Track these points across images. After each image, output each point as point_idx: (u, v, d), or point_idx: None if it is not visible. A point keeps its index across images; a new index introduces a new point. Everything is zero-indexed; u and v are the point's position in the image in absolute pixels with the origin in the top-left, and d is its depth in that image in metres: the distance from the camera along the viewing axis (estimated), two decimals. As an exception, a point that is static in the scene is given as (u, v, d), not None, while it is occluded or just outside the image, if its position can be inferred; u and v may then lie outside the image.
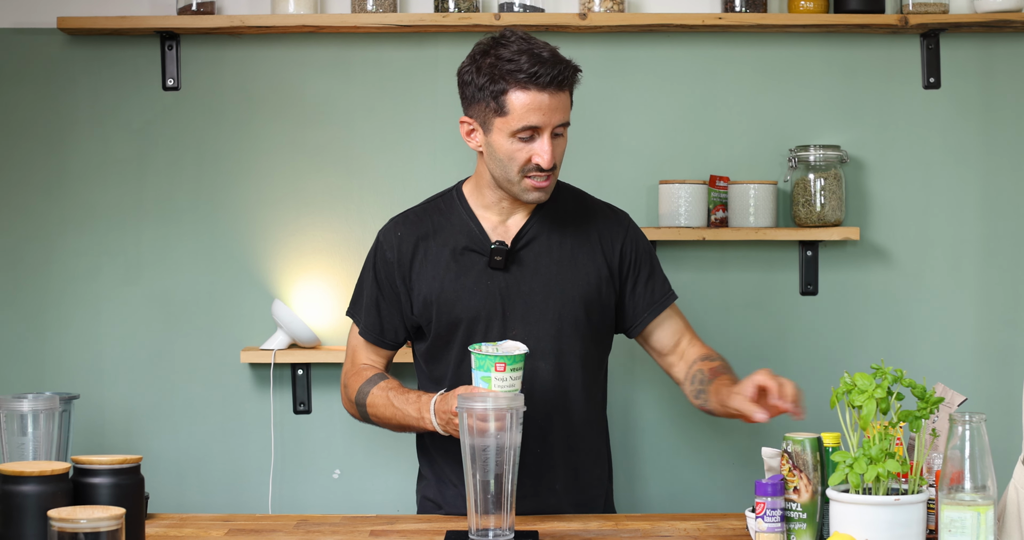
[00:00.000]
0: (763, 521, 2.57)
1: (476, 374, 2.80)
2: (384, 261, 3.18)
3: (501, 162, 3.01)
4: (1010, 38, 4.17)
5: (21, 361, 4.14)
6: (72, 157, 4.14)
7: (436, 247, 3.14)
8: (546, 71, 2.92)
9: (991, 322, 4.20)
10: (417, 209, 3.25)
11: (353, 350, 3.25)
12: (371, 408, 3.12)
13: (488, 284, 3.10)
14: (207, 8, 4.06)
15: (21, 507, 2.37)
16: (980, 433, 2.39)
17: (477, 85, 2.99)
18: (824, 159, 4.05)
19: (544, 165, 2.97)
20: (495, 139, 3.00)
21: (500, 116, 2.97)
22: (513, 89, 2.94)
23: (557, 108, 2.96)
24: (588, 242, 3.19)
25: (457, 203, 3.19)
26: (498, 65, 2.94)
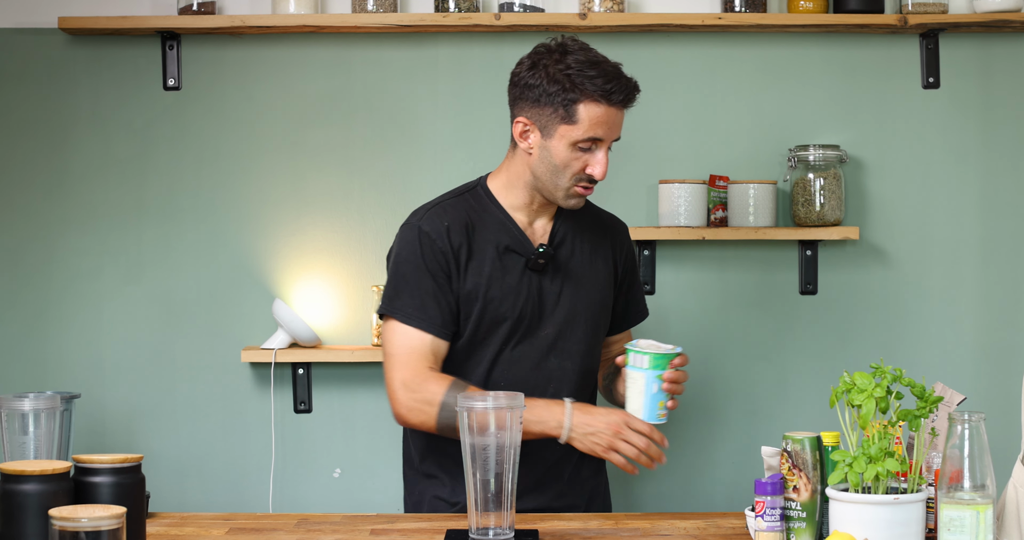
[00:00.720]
0: (763, 520, 2.58)
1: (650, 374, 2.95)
2: (434, 250, 3.08)
3: (555, 167, 3.04)
4: (1009, 38, 4.18)
5: (22, 360, 4.15)
6: (73, 157, 4.15)
7: (480, 242, 3.12)
8: (620, 89, 2.98)
9: (990, 321, 4.20)
10: (449, 201, 3.18)
11: (408, 351, 3.08)
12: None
13: (528, 285, 3.13)
14: (208, 8, 4.07)
15: (22, 506, 2.37)
16: (979, 432, 2.39)
17: (547, 91, 3.00)
18: (823, 159, 4.05)
19: (599, 177, 3.04)
20: (554, 144, 3.02)
21: (567, 124, 2.99)
22: (586, 101, 2.98)
23: (619, 124, 3.04)
24: (603, 247, 3.27)
25: (488, 201, 3.17)
26: (572, 76, 2.97)
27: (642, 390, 2.96)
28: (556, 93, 2.99)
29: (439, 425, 3.02)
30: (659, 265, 4.16)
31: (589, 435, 2.95)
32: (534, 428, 2.96)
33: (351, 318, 4.16)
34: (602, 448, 2.95)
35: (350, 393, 4.16)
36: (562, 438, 2.97)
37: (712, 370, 4.18)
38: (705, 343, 4.19)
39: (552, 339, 3.12)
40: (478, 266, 3.10)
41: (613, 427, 2.94)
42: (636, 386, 2.97)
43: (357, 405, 4.15)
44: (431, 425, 3.03)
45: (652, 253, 4.14)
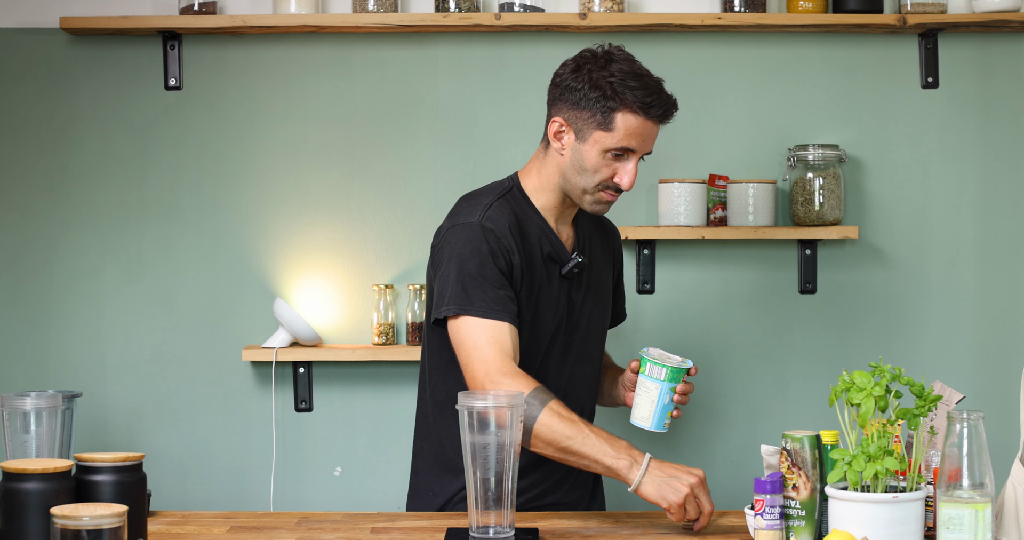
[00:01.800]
0: (762, 518, 2.58)
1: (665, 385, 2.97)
2: (500, 247, 3.00)
3: (584, 171, 3.03)
4: (1008, 38, 4.18)
5: (24, 359, 4.15)
6: (75, 156, 4.15)
7: (528, 247, 3.08)
8: (660, 103, 2.99)
9: (989, 320, 4.21)
10: (497, 202, 3.09)
11: (489, 341, 2.94)
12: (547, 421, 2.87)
13: (560, 294, 3.12)
14: (209, 8, 4.08)
15: (24, 504, 2.37)
16: (978, 431, 2.40)
17: (587, 95, 3.00)
18: (823, 158, 4.06)
19: (626, 187, 3.02)
20: (587, 149, 3.02)
21: (603, 130, 2.99)
22: (625, 111, 2.98)
23: (653, 137, 3.04)
24: (606, 251, 3.30)
25: (527, 205, 3.13)
26: (615, 84, 2.97)
27: (655, 400, 2.97)
28: (596, 99, 2.99)
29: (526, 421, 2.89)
30: (659, 264, 4.17)
31: (667, 480, 2.82)
32: (604, 462, 2.84)
33: (352, 317, 4.16)
34: (676, 496, 2.78)
35: (351, 392, 4.16)
36: (632, 485, 2.82)
37: (712, 369, 4.19)
38: (705, 342, 4.19)
39: (578, 346, 3.13)
40: (530, 273, 3.06)
41: (694, 482, 2.82)
42: (649, 396, 2.98)
43: (358, 404, 4.16)
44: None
45: (652, 252, 4.15)
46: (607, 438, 2.87)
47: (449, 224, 3.05)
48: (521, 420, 2.65)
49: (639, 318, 4.17)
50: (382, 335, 4.11)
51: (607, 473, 2.85)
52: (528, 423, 2.86)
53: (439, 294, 3.00)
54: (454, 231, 3.03)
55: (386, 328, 4.11)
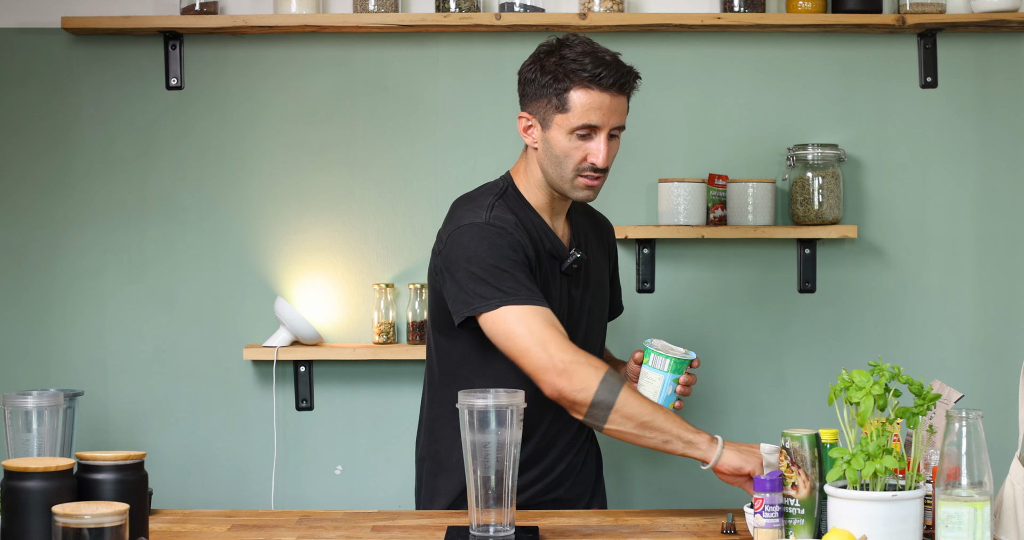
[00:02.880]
0: (762, 517, 2.59)
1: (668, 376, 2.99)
2: (512, 242, 3.00)
3: (557, 158, 3.04)
4: (1006, 38, 4.19)
5: (26, 358, 4.16)
6: (76, 156, 4.16)
7: (532, 244, 3.09)
8: (609, 73, 2.99)
9: (988, 319, 4.22)
10: (496, 201, 3.11)
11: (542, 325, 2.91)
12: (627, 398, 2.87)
13: (561, 291, 3.13)
14: (210, 8, 4.08)
15: (26, 503, 2.37)
16: (977, 429, 2.40)
17: (540, 82, 3.04)
18: (822, 158, 4.06)
19: (599, 164, 3.01)
20: (553, 135, 3.04)
21: (561, 113, 3.01)
22: (576, 87, 2.99)
23: (616, 110, 3.02)
24: (602, 246, 3.32)
25: (523, 203, 3.15)
26: (563, 64, 3.00)
27: (658, 390, 2.98)
28: (548, 84, 3.02)
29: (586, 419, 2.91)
30: (658, 264, 4.18)
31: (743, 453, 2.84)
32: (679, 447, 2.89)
33: (352, 316, 4.17)
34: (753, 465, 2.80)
35: (351, 390, 4.17)
36: (714, 454, 2.86)
37: (711, 368, 4.19)
38: (704, 341, 4.20)
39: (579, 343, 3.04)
40: (539, 270, 3.08)
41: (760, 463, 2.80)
42: (652, 386, 2.98)
43: (358, 402, 4.16)
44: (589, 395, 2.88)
45: (651, 252, 4.16)
46: (683, 420, 2.93)
47: (453, 226, 3.04)
48: (520, 419, 2.66)
49: (639, 317, 4.17)
50: (383, 334, 4.12)
51: (685, 449, 2.88)
52: (608, 399, 2.85)
53: (461, 293, 2.96)
54: (461, 232, 3.01)
55: (387, 327, 4.12)
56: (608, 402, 2.86)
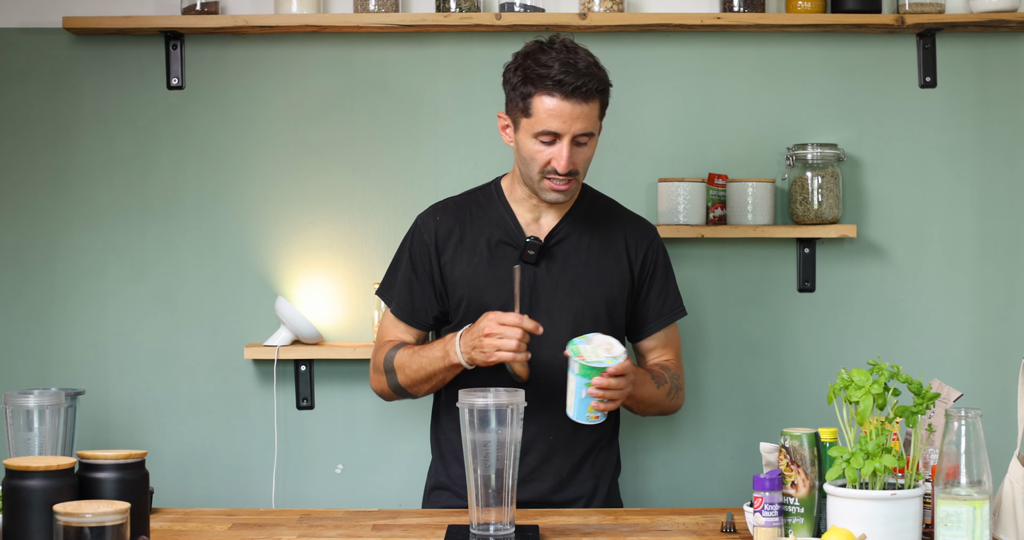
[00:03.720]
0: (761, 515, 2.59)
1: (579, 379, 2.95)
2: (420, 243, 3.28)
3: (524, 160, 3.15)
4: (1005, 38, 4.20)
5: (27, 357, 4.16)
6: (77, 155, 4.16)
7: (472, 236, 3.25)
8: (572, 81, 3.03)
9: (987, 318, 4.22)
10: (458, 198, 3.36)
11: (384, 330, 3.34)
12: (398, 366, 3.22)
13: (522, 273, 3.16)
14: (211, 8, 4.09)
15: (27, 502, 2.38)
16: (976, 428, 2.41)
17: (512, 84, 3.13)
18: (821, 157, 4.07)
19: (560, 170, 3.08)
20: (521, 138, 3.13)
21: (526, 117, 3.09)
22: (539, 93, 3.06)
23: (579, 117, 3.06)
24: (615, 246, 3.32)
25: (495, 197, 3.30)
26: (532, 68, 3.06)
27: (573, 391, 2.97)
28: (517, 86, 3.10)
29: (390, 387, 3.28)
30: (658, 263, 4.18)
31: (473, 349, 3.03)
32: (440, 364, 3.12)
33: (353, 315, 4.17)
34: (486, 355, 3.00)
35: (352, 389, 4.17)
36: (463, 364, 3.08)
37: (711, 367, 4.20)
38: (704, 340, 4.20)
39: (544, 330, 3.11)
40: (467, 258, 3.24)
41: (484, 330, 2.99)
42: (569, 385, 2.97)
43: (359, 401, 4.16)
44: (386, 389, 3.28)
45: (651, 251, 4.16)
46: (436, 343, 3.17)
47: None
48: (520, 418, 2.67)
49: (639, 316, 4.18)
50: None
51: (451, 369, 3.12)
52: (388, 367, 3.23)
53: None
54: None
55: (387, 326, 4.12)
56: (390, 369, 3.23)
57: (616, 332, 3.30)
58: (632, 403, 3.22)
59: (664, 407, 3.34)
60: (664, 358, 3.40)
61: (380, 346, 3.31)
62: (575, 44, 3.12)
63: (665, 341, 3.41)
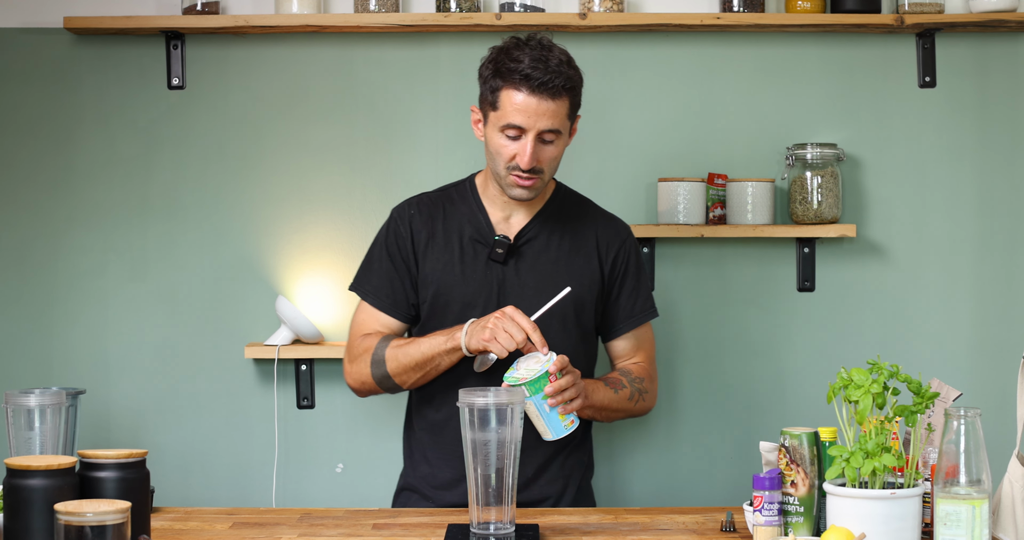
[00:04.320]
0: (761, 514, 2.60)
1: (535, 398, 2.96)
2: (397, 235, 3.29)
3: (491, 154, 3.15)
4: (1004, 37, 4.20)
5: (28, 356, 4.17)
6: (78, 155, 4.17)
7: (444, 232, 3.26)
8: (539, 76, 3.03)
9: (986, 318, 4.22)
10: (432, 194, 3.36)
11: (360, 323, 3.32)
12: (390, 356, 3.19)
13: (487, 274, 3.22)
14: (212, 8, 4.09)
15: (28, 501, 2.38)
16: (975, 428, 2.42)
17: (483, 78, 3.14)
18: (821, 157, 4.07)
19: (523, 166, 3.09)
20: (489, 132, 3.14)
21: (493, 110, 3.10)
22: (507, 87, 3.07)
23: (545, 114, 3.05)
24: (586, 246, 3.30)
25: (469, 194, 3.31)
26: (503, 62, 3.06)
27: (537, 414, 2.96)
28: (488, 79, 3.11)
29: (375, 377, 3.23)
30: (658, 263, 4.18)
31: (477, 330, 3.03)
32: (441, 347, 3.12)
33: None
34: (483, 338, 3.01)
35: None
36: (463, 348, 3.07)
37: (710, 366, 4.20)
38: (704, 340, 4.21)
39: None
40: (437, 253, 3.24)
41: (495, 315, 3.00)
42: (531, 411, 2.96)
43: (359, 401, 4.17)
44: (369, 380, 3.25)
45: (651, 251, 4.16)
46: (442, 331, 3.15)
47: None
48: (521, 417, 2.67)
49: (639, 316, 4.19)
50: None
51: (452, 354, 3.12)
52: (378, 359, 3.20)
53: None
54: None
55: (387, 326, 4.13)
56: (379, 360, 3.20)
57: (585, 333, 3.29)
58: (592, 411, 3.21)
59: (631, 411, 3.32)
60: (634, 360, 3.39)
61: (360, 338, 3.28)
62: (552, 43, 3.11)
63: (636, 342, 3.39)
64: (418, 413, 3.32)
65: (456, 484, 3.22)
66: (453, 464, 3.22)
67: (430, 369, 3.16)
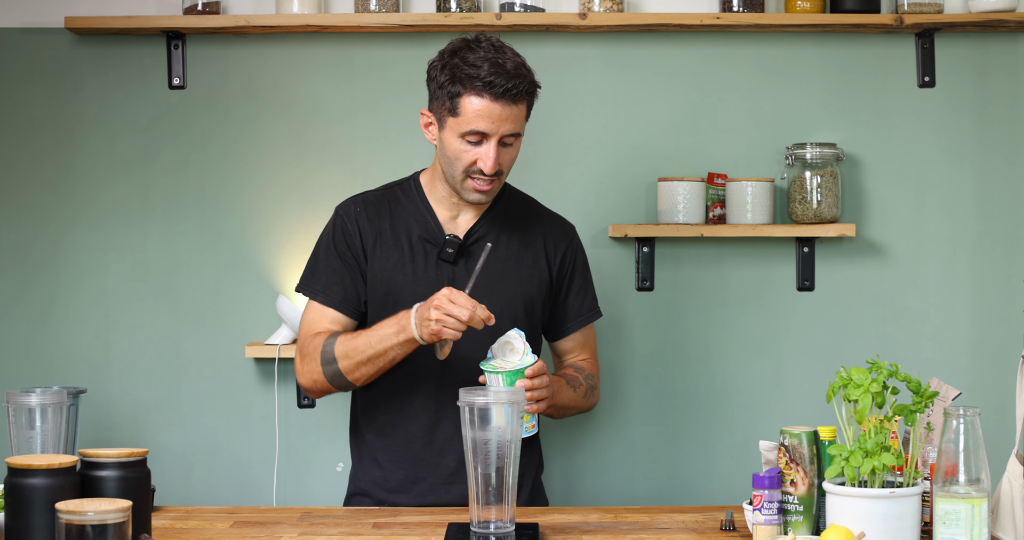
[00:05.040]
0: (760, 513, 2.60)
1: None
2: (344, 232, 3.25)
3: (449, 160, 3.13)
4: (1003, 37, 4.20)
5: (29, 356, 4.17)
6: (80, 155, 4.17)
7: (392, 231, 3.24)
8: (501, 82, 3.02)
9: (985, 317, 4.23)
10: (375, 192, 3.34)
11: (309, 323, 3.24)
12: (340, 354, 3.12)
13: (437, 274, 3.21)
14: (212, 8, 4.10)
15: (29, 500, 2.38)
16: (974, 427, 2.42)
17: (438, 82, 3.10)
18: (820, 157, 4.08)
19: (486, 171, 3.08)
20: (446, 137, 3.11)
21: (452, 116, 3.07)
22: (467, 93, 3.04)
23: (507, 118, 3.05)
24: (533, 245, 3.31)
25: (414, 193, 3.29)
26: (460, 67, 3.04)
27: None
28: (444, 85, 3.08)
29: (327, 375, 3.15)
30: (658, 262, 4.19)
31: (424, 322, 2.97)
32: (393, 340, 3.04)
33: (353, 314, 4.18)
34: (432, 330, 2.95)
35: (352, 388, 4.18)
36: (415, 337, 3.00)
37: (710, 366, 4.21)
38: (703, 339, 4.21)
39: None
40: (386, 252, 3.22)
41: (434, 303, 2.94)
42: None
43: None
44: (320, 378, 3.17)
45: (651, 250, 4.17)
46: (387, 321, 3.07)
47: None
48: (521, 415, 2.68)
49: (638, 315, 4.19)
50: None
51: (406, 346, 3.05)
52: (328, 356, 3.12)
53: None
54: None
55: (387, 325, 4.13)
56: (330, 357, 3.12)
57: (533, 331, 3.28)
58: (554, 410, 3.21)
59: (581, 407, 3.35)
60: (581, 358, 3.41)
61: (310, 338, 3.21)
62: (502, 43, 3.10)
63: (583, 341, 3.41)
64: (365, 416, 3.29)
65: (410, 486, 3.21)
66: (404, 466, 3.22)
67: (383, 363, 3.09)
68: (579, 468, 4.17)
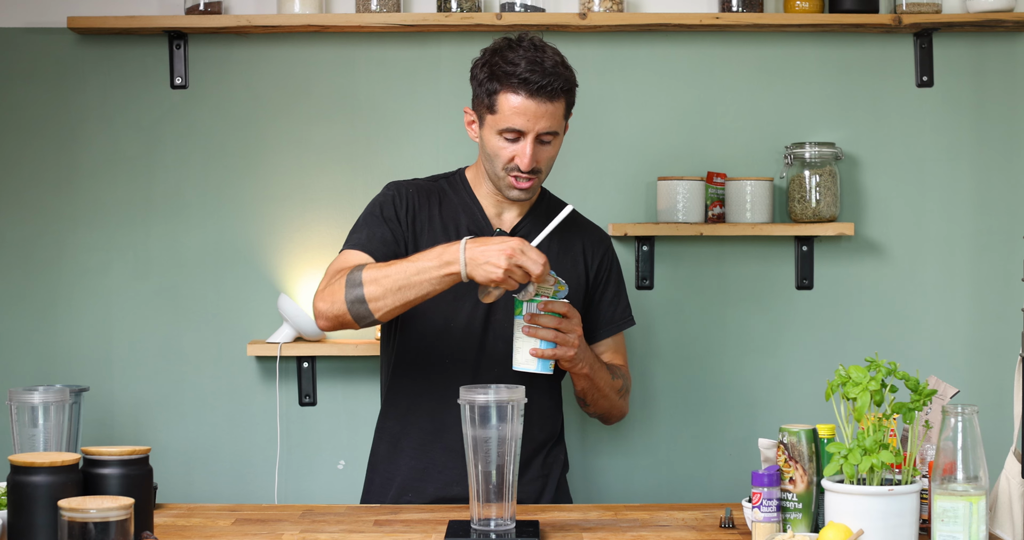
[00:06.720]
0: (759, 511, 2.61)
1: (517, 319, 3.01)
2: (395, 203, 3.23)
3: (488, 156, 3.16)
4: (1002, 37, 4.21)
5: (32, 354, 4.18)
6: (82, 154, 4.18)
7: (440, 216, 3.25)
8: (537, 79, 3.04)
9: (983, 315, 4.23)
10: (423, 181, 3.34)
11: (340, 262, 3.14)
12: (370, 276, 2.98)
13: None
14: (214, 8, 4.10)
15: (32, 497, 2.39)
16: (972, 424, 2.43)
17: (478, 80, 3.15)
18: (819, 156, 4.08)
19: (523, 167, 3.10)
20: (485, 134, 3.15)
21: (491, 114, 3.11)
22: (504, 91, 3.07)
23: (543, 116, 3.07)
24: (573, 250, 3.33)
25: (461, 187, 3.31)
26: (499, 65, 3.07)
27: (515, 335, 3.03)
28: (484, 82, 3.12)
29: (348, 300, 2.99)
30: (657, 261, 4.20)
31: (484, 264, 2.87)
32: (434, 273, 2.92)
33: (354, 313, 4.19)
34: (498, 275, 2.86)
35: (354, 386, 4.19)
36: (462, 273, 2.90)
37: (710, 364, 4.22)
38: (703, 338, 4.22)
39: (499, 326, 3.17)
40: (431, 237, 3.20)
41: (507, 251, 2.85)
42: (516, 331, 3.03)
43: (361, 398, 4.18)
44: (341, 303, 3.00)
45: (650, 249, 4.18)
46: (427, 252, 2.97)
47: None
48: (521, 414, 2.69)
49: (638, 314, 4.18)
50: (384, 330, 4.14)
51: (445, 280, 2.94)
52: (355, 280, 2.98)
53: None
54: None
55: (388, 324, 4.14)
56: (356, 281, 2.98)
57: None
58: (588, 383, 3.22)
59: (614, 403, 3.35)
60: (615, 363, 3.42)
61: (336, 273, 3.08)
62: (544, 43, 3.13)
63: (614, 348, 3.42)
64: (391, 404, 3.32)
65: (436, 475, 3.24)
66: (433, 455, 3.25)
67: (413, 295, 2.95)
68: (579, 466, 4.18)
